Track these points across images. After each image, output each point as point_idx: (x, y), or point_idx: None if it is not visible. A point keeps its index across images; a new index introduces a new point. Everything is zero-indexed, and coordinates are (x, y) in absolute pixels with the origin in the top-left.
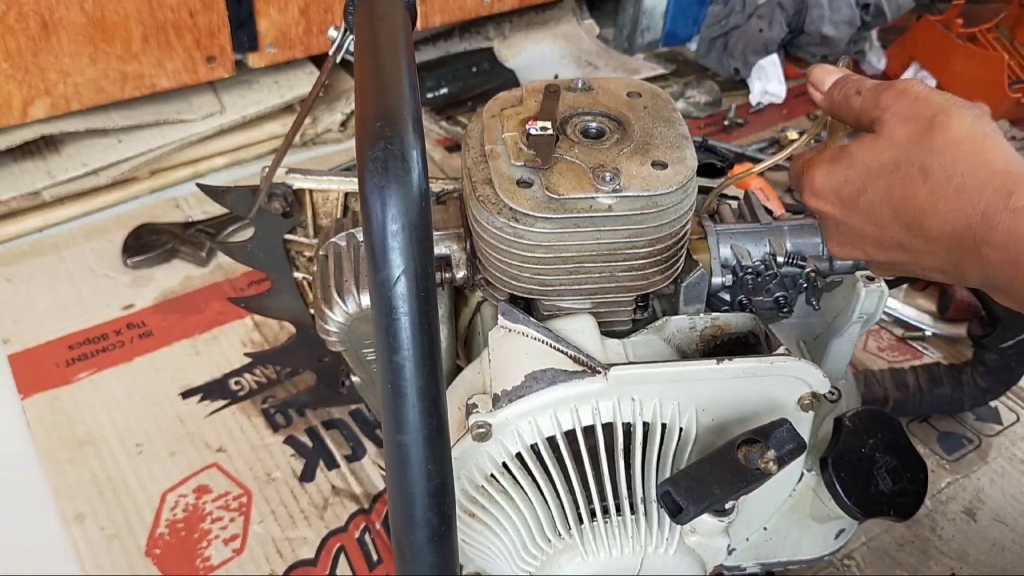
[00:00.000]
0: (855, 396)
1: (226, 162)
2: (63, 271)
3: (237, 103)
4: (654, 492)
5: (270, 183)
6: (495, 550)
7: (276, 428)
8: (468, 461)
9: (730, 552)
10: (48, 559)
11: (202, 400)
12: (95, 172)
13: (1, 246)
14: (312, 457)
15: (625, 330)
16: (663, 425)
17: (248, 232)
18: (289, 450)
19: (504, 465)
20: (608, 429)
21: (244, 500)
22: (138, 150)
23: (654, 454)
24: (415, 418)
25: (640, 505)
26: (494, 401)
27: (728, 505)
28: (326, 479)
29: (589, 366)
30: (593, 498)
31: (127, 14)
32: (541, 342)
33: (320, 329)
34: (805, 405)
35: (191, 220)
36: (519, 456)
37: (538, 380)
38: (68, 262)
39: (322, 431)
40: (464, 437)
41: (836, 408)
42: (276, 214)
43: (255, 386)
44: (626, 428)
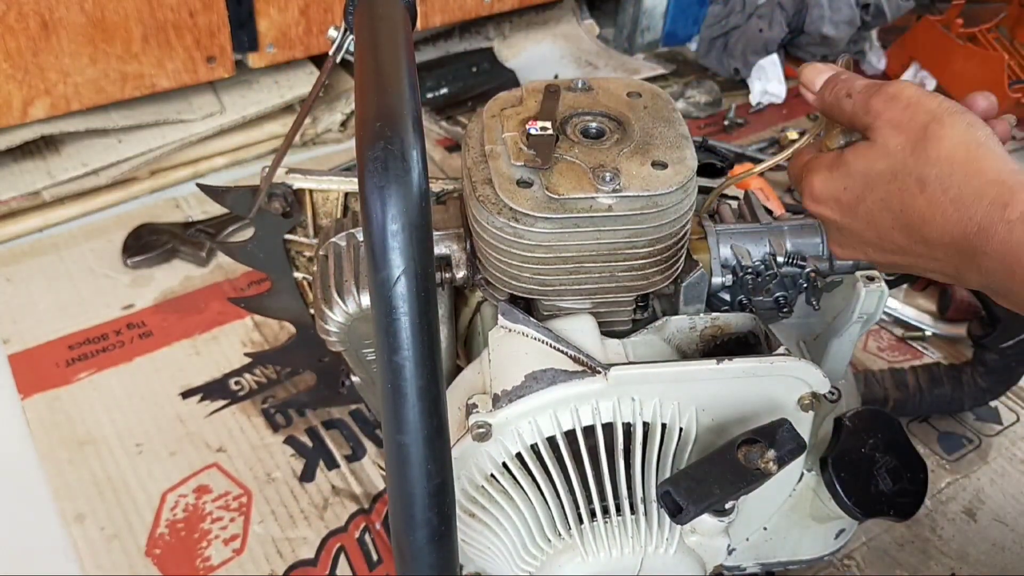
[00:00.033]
0: (855, 396)
1: (226, 162)
2: (63, 271)
3: (237, 103)
4: (654, 492)
5: (270, 183)
6: (495, 550)
7: (276, 428)
8: (468, 461)
9: (730, 552)
10: (48, 559)
11: (202, 400)
12: (95, 172)
13: (1, 246)
14: (312, 457)
15: (625, 330)
16: (663, 425)
17: (248, 232)
18: (289, 450)
19: (504, 465)
20: (608, 429)
21: (244, 500)
22: (138, 150)
23: (654, 454)
24: (415, 418)
25: (640, 505)
26: (494, 401)
27: (728, 505)
28: (326, 479)
29: (589, 366)
30: (593, 498)
31: (127, 14)
32: (541, 342)
33: (320, 329)
34: (805, 405)
35: (191, 220)
36: (519, 456)
37: (538, 380)
38: (68, 262)
39: (322, 431)
40: (464, 437)
41: (836, 408)
42: (276, 214)
43: (255, 386)
44: (626, 428)
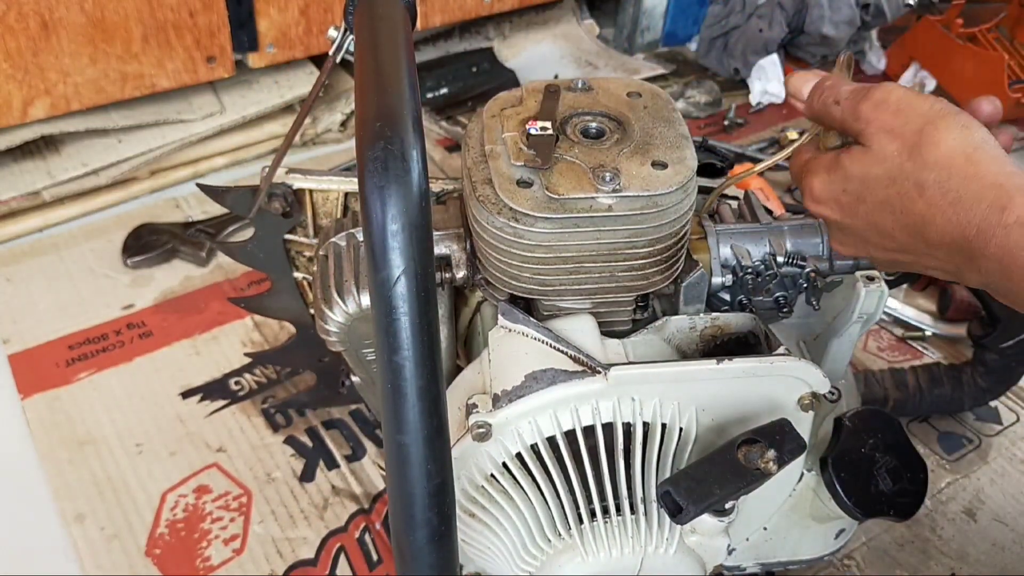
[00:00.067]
0: (855, 396)
1: (226, 162)
2: (63, 271)
3: (237, 103)
4: (654, 492)
5: (270, 183)
6: (495, 550)
7: (276, 428)
8: (468, 461)
9: (730, 552)
10: (48, 559)
11: (202, 400)
12: (95, 172)
13: (1, 246)
14: (312, 457)
15: (625, 330)
16: (663, 425)
17: (248, 232)
18: (289, 450)
19: (504, 465)
20: (608, 429)
21: (244, 500)
22: (138, 150)
23: (654, 454)
24: (415, 418)
25: (640, 505)
26: (494, 401)
27: (728, 505)
28: (326, 479)
29: (589, 366)
30: (593, 498)
31: (127, 14)
32: (541, 342)
33: (320, 329)
34: (805, 405)
35: (191, 220)
36: (519, 456)
37: (538, 380)
38: (68, 262)
39: (322, 431)
40: (464, 437)
41: (836, 408)
42: (276, 214)
43: (255, 386)
44: (626, 428)
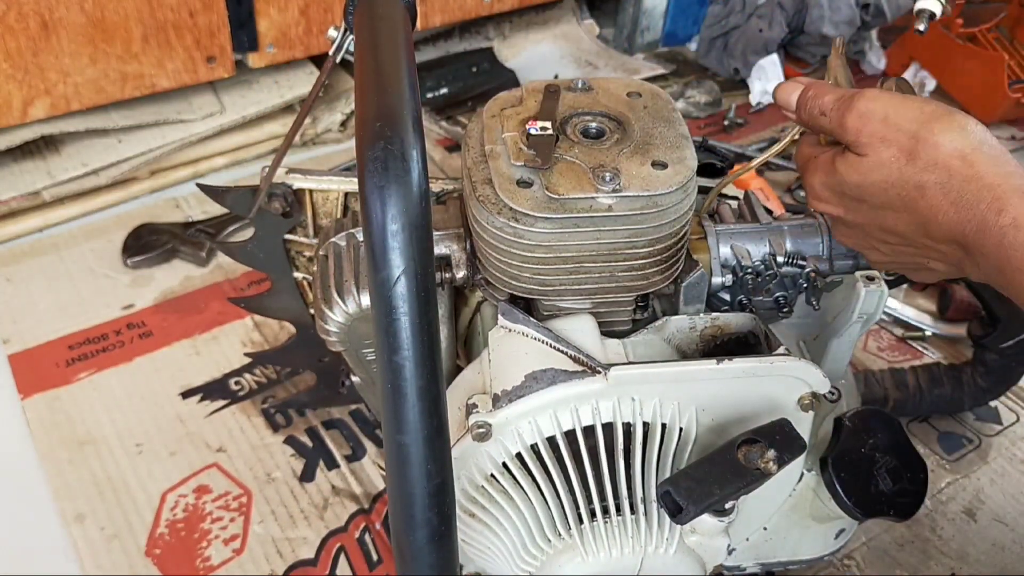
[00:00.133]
0: (855, 396)
1: (226, 162)
2: (63, 271)
3: (237, 103)
4: (654, 492)
5: (270, 183)
6: (495, 550)
7: (276, 428)
8: (468, 461)
9: (730, 552)
10: (48, 559)
11: (202, 400)
12: (95, 172)
13: (1, 246)
14: (312, 457)
15: (625, 330)
16: (663, 425)
17: (248, 232)
18: (289, 450)
19: (504, 465)
20: (608, 429)
21: (244, 500)
22: (138, 150)
23: (654, 454)
24: (415, 418)
25: (640, 505)
26: (494, 401)
27: (728, 505)
28: (326, 479)
29: (589, 366)
30: (593, 498)
31: (127, 14)
32: (541, 342)
33: (320, 329)
34: (805, 405)
35: (191, 220)
36: (519, 456)
37: (538, 380)
38: (68, 262)
39: (322, 431)
40: (464, 437)
41: (836, 408)
42: (276, 214)
43: (255, 386)
44: (626, 428)
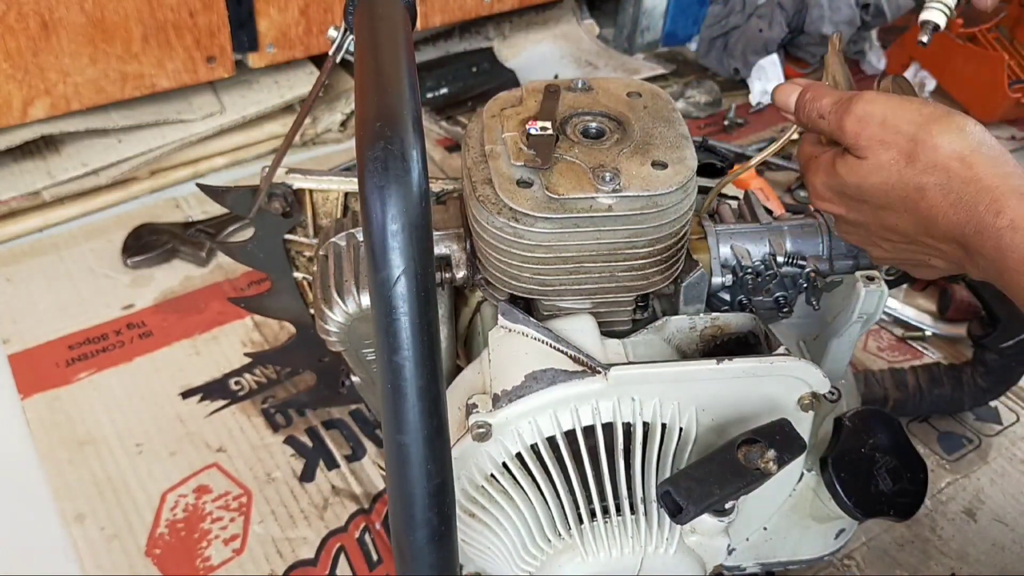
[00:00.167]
0: (855, 396)
1: (226, 162)
2: (63, 271)
3: (237, 103)
4: (654, 492)
5: (270, 183)
6: (495, 550)
7: (276, 428)
8: (468, 461)
9: (730, 552)
10: (48, 559)
11: (202, 400)
12: (95, 172)
13: (1, 246)
14: (312, 457)
15: (625, 330)
16: (663, 425)
17: (248, 232)
18: (289, 450)
19: (504, 465)
20: (608, 429)
21: (244, 500)
22: (138, 150)
23: (654, 454)
24: (415, 418)
25: (640, 505)
26: (494, 401)
27: (728, 505)
28: (326, 479)
29: (589, 366)
30: (593, 498)
31: (127, 14)
32: (541, 342)
33: (320, 329)
34: (805, 405)
35: (191, 220)
36: (519, 456)
37: (538, 380)
38: (68, 262)
39: (322, 431)
40: (464, 437)
41: (836, 408)
42: (276, 214)
43: (255, 386)
44: (626, 428)
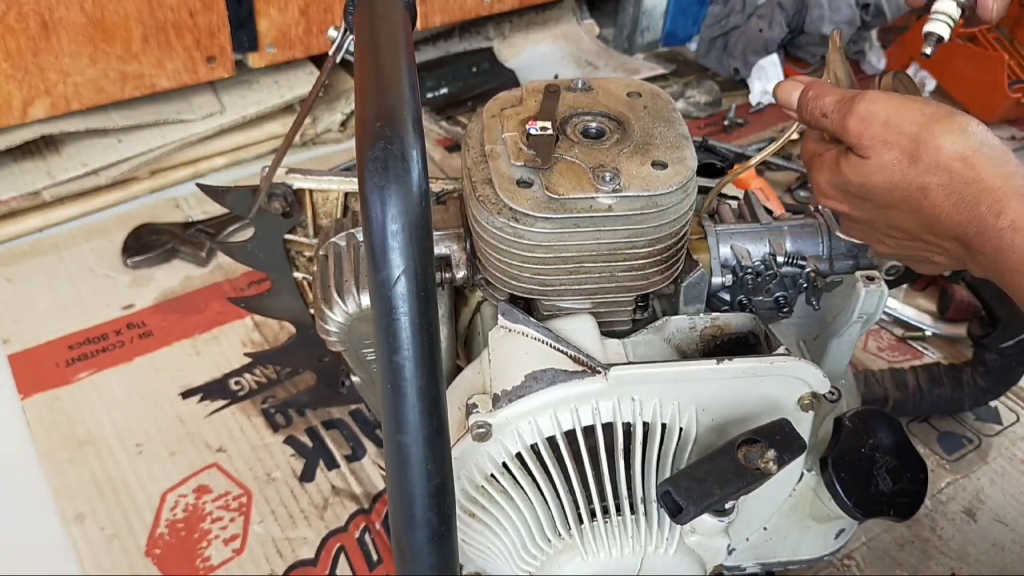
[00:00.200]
0: (855, 396)
1: (226, 162)
2: (63, 271)
3: (237, 103)
4: (654, 492)
5: (270, 183)
6: (495, 550)
7: (276, 428)
8: (468, 461)
9: (730, 552)
10: (48, 559)
11: (202, 400)
12: (95, 172)
13: (1, 246)
14: (312, 457)
15: (625, 330)
16: (663, 425)
17: (248, 232)
18: (289, 450)
19: (504, 465)
20: (608, 429)
21: (244, 500)
22: (138, 150)
23: (654, 454)
24: (415, 418)
25: (640, 505)
26: (494, 401)
27: (728, 505)
28: (326, 479)
29: (589, 366)
30: (593, 498)
31: (127, 14)
32: (541, 342)
33: (320, 329)
34: (805, 405)
35: (191, 220)
36: (519, 456)
37: (538, 380)
38: (68, 262)
39: (322, 431)
40: (464, 437)
41: (836, 408)
42: (276, 214)
43: (255, 386)
44: (626, 428)
